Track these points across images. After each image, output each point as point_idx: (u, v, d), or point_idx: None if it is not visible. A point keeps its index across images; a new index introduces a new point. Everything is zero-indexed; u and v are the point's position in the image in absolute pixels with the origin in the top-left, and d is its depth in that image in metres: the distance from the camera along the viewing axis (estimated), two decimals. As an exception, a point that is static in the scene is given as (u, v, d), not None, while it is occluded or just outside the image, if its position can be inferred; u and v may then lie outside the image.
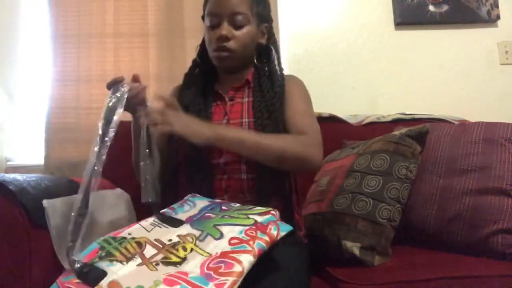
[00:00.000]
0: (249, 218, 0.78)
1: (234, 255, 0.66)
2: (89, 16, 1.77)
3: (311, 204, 1.23)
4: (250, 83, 1.09)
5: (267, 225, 0.76)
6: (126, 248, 0.68)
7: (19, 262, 0.92)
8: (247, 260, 0.65)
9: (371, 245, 0.99)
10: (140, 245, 0.69)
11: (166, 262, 0.66)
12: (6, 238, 0.92)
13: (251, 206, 0.83)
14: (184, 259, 0.67)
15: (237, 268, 0.63)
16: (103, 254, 0.66)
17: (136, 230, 0.74)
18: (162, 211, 0.82)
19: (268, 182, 0.98)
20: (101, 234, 0.84)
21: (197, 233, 0.74)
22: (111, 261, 0.65)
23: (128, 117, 1.69)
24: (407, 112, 1.68)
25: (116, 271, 0.63)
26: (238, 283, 0.61)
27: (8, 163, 1.77)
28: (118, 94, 0.82)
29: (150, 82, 1.76)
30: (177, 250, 0.69)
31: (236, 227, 0.75)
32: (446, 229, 1.05)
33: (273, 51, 1.10)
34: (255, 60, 1.09)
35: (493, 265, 0.92)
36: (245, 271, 0.63)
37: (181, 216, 0.81)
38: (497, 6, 1.94)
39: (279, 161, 0.94)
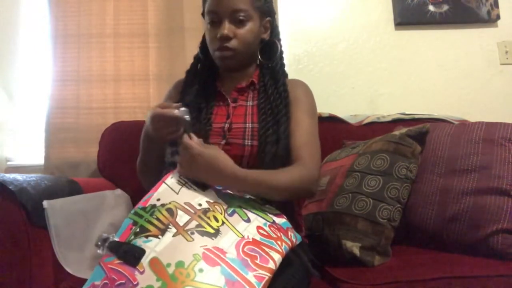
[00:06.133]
0: (266, 215, 0.80)
1: (266, 249, 0.69)
2: (89, 16, 1.77)
3: (311, 204, 1.23)
4: (255, 84, 1.07)
5: (287, 230, 0.79)
6: (158, 219, 0.67)
7: (19, 262, 0.92)
8: (277, 259, 0.69)
9: (371, 245, 0.99)
10: (171, 212, 0.69)
11: (201, 232, 0.67)
12: (6, 238, 0.92)
13: (259, 201, 0.84)
14: (217, 231, 0.68)
15: (271, 265, 0.67)
16: (137, 229, 0.65)
17: (164, 193, 0.73)
18: None
19: None
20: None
21: (224, 205, 0.76)
22: (146, 237, 0.64)
23: (127, 117, 1.70)
24: (407, 112, 1.69)
25: (153, 247, 0.63)
26: (270, 280, 0.65)
27: (8, 163, 1.77)
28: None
29: (150, 82, 1.77)
30: (209, 218, 0.70)
31: (259, 218, 0.78)
32: (446, 229, 1.05)
33: (278, 46, 1.08)
34: (259, 57, 1.08)
35: (493, 265, 0.92)
36: (275, 269, 0.67)
37: None
38: (497, 6, 1.94)
39: (282, 198, 0.91)
